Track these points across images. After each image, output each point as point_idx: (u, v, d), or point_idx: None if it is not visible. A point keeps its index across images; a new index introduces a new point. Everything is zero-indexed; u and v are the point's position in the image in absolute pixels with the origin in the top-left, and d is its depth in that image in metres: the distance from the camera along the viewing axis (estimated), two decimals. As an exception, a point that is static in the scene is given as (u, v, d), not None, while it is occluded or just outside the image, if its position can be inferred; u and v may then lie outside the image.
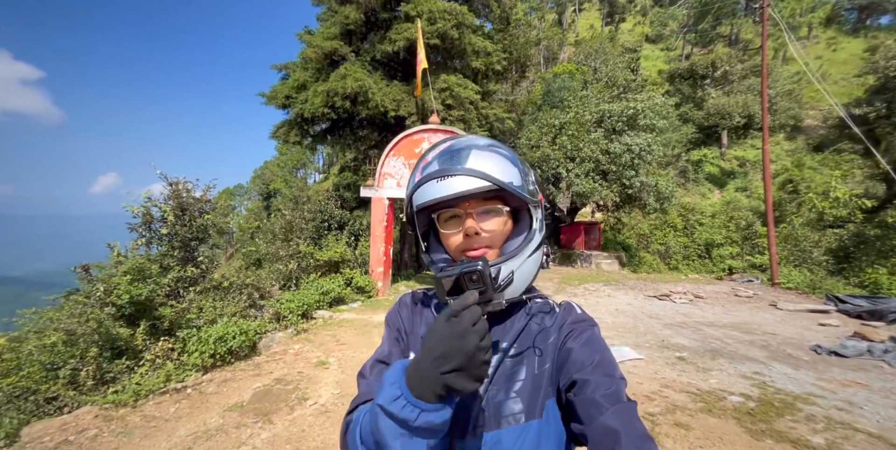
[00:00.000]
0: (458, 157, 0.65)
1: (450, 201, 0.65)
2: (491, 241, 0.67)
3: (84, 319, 4.41)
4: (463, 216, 0.66)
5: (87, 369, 4.37)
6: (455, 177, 0.63)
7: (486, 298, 0.58)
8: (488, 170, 0.64)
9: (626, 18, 43.93)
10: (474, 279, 0.58)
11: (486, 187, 0.63)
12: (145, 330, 5.07)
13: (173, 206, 5.78)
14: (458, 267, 0.59)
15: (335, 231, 10.06)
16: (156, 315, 5.36)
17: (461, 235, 0.66)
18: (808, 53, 31.46)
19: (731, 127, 23.05)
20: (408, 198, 0.72)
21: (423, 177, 0.66)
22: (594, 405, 0.55)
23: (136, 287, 5.06)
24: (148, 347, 5.00)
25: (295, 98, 9.29)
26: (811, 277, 9.22)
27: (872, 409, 3.36)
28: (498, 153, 0.68)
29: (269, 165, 47.27)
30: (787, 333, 5.73)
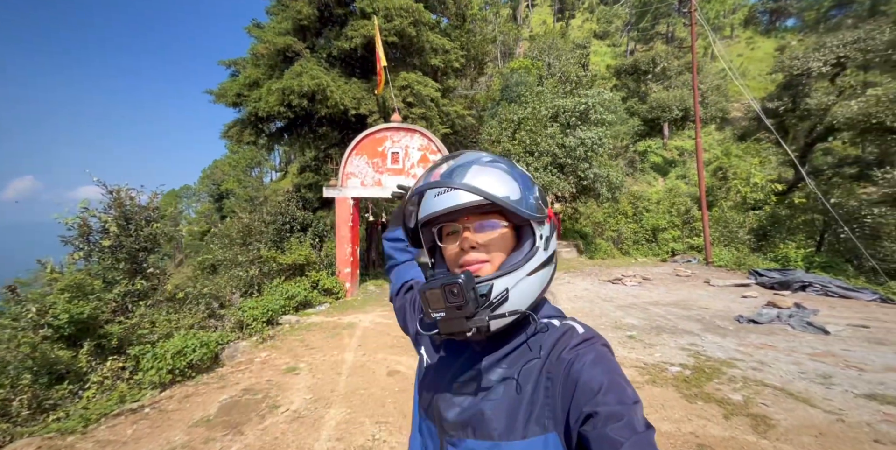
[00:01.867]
0: (457, 172, 0.66)
1: (449, 216, 0.67)
2: (488, 255, 0.67)
3: (15, 344, 4.05)
4: (459, 231, 0.68)
5: (21, 398, 4.04)
6: (450, 191, 0.65)
7: (465, 314, 0.56)
8: (483, 185, 0.64)
9: (575, 15, 45.54)
10: (455, 292, 0.56)
11: (478, 202, 0.64)
12: (90, 350, 4.76)
13: (116, 215, 5.38)
14: (440, 279, 0.59)
15: (298, 233, 9.79)
16: (101, 333, 5.03)
17: (458, 248, 0.67)
18: (731, 52, 34.57)
19: (671, 119, 24.89)
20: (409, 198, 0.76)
21: (424, 192, 0.69)
22: (608, 441, 0.51)
23: (76, 305, 4.72)
24: (94, 368, 4.71)
25: (247, 96, 8.85)
26: (738, 254, 10.41)
27: (778, 366, 3.97)
28: (498, 168, 0.68)
29: (220, 165, 44.24)
30: (717, 307, 6.49)
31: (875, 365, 3.88)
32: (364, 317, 7.03)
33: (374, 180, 8.40)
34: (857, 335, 4.79)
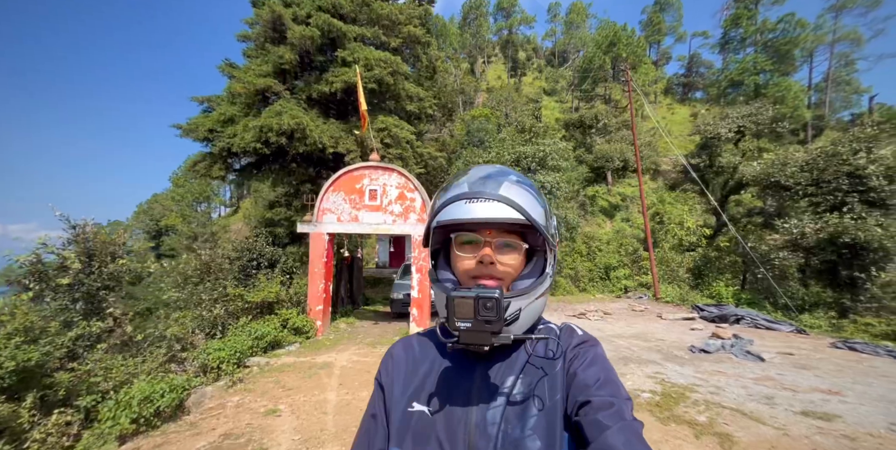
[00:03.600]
0: (491, 183, 0.66)
1: (473, 225, 0.66)
2: (503, 274, 0.68)
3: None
4: (481, 243, 0.67)
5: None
6: (487, 202, 0.64)
7: (493, 329, 0.58)
8: (522, 203, 0.65)
9: (526, 73, 51.06)
10: (488, 306, 0.58)
11: (515, 219, 0.64)
12: (33, 403, 4.22)
13: (78, 251, 4.97)
14: (474, 290, 0.60)
15: (265, 269, 9.39)
16: (47, 383, 4.49)
17: (475, 261, 0.66)
18: (657, 114, 40.41)
19: (613, 168, 27.97)
20: (433, 213, 0.71)
21: (455, 195, 0.67)
22: (597, 425, 0.55)
23: (23, 351, 4.23)
24: (35, 424, 4.15)
25: (221, 132, 8.86)
26: (680, 291, 11.62)
27: (730, 390, 4.54)
28: (527, 190, 0.69)
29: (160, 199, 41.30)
30: (671, 338, 7.19)
31: (803, 386, 4.58)
32: (339, 356, 6.83)
33: (351, 216, 8.54)
34: (785, 362, 5.61)
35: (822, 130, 31.57)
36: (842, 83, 34.51)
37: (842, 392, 4.35)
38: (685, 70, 48.19)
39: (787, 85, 30.56)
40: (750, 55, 35.33)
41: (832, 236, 9.19)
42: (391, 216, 8.49)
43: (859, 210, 9.27)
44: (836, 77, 34.21)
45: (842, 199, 9.68)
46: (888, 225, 8.69)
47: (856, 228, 8.76)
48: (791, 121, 29.32)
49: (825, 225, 9.43)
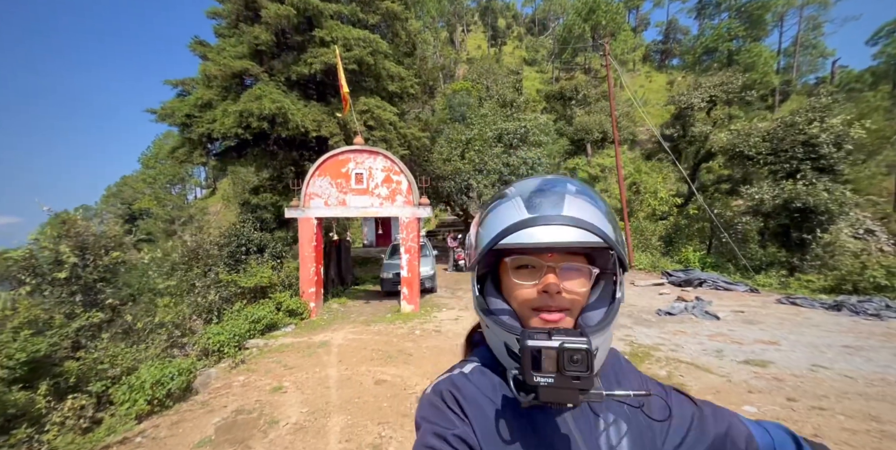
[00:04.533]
0: (551, 198, 0.58)
1: (533, 249, 0.57)
2: (571, 304, 0.58)
3: (-34, 389, 3.72)
4: (542, 269, 0.58)
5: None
6: (562, 226, 0.55)
7: (583, 386, 0.48)
8: (594, 221, 0.56)
9: (506, 42, 49.53)
10: (575, 359, 0.48)
11: (591, 243, 0.55)
12: (47, 390, 4.46)
13: (72, 245, 5.02)
14: (555, 337, 0.50)
15: (255, 255, 9.52)
16: (57, 372, 4.71)
17: (535, 289, 0.58)
18: (635, 83, 40.38)
19: (592, 140, 28.30)
20: (493, 237, 0.59)
21: (515, 223, 0.57)
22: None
23: (31, 343, 4.41)
24: (52, 409, 4.42)
25: (199, 117, 8.60)
26: (652, 258, 12.44)
27: (688, 347, 5.20)
28: (591, 200, 0.60)
29: (130, 181, 39.41)
30: (642, 304, 7.89)
31: (748, 339, 5.29)
32: (335, 335, 7.17)
33: (338, 200, 8.65)
34: (737, 318, 6.35)
35: (788, 94, 32.53)
36: (809, 47, 35.16)
37: (778, 342, 5.06)
38: (663, 37, 47.70)
39: (758, 51, 30.94)
40: (724, 21, 35.25)
41: (786, 201, 9.98)
42: (378, 199, 8.63)
43: (811, 177, 10.05)
44: (803, 41, 34.77)
45: (796, 166, 10.43)
46: (834, 189, 9.49)
47: (806, 194, 9.55)
48: (760, 87, 30.06)
49: (781, 191, 10.19)
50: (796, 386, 3.77)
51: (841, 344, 4.87)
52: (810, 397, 3.50)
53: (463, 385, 0.61)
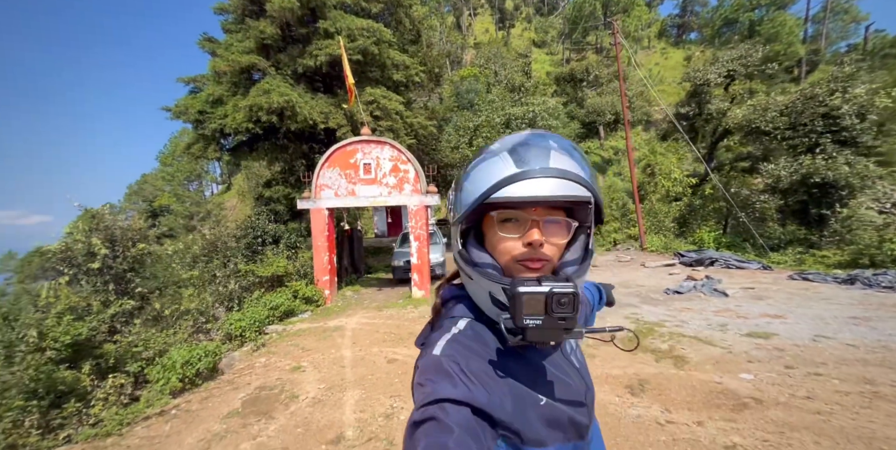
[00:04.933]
0: (536, 152, 0.59)
1: (517, 203, 0.58)
2: (552, 256, 0.62)
3: (23, 367, 4.14)
4: (526, 222, 0.60)
5: (30, 418, 4.18)
6: (541, 178, 0.56)
7: (568, 325, 0.52)
8: (582, 174, 0.59)
9: (514, 24, 48.19)
10: (563, 302, 0.51)
11: (578, 197, 0.58)
12: (90, 370, 4.89)
13: (102, 238, 5.41)
14: (545, 283, 0.53)
15: (270, 246, 9.92)
16: (98, 353, 5.14)
17: (520, 242, 0.60)
18: (650, 60, 38.86)
19: (605, 122, 27.62)
20: (482, 192, 0.59)
21: (507, 177, 0.57)
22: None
23: (74, 327, 4.82)
24: (96, 386, 4.85)
25: (211, 113, 8.89)
26: (665, 240, 12.30)
27: (693, 322, 5.24)
28: (573, 155, 0.61)
29: (150, 179, 40.75)
30: (650, 284, 7.90)
31: (754, 313, 5.30)
32: (348, 320, 7.47)
33: (347, 191, 8.87)
34: (746, 295, 6.32)
35: (816, 65, 30.73)
36: (840, 12, 32.90)
37: (785, 315, 5.05)
38: (680, 10, 45.49)
39: (781, 20, 29.24)
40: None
41: (804, 177, 9.63)
42: (387, 188, 8.81)
43: (831, 150, 9.64)
44: (834, 6, 32.56)
45: (816, 140, 10.00)
46: (855, 163, 9.10)
47: (826, 168, 9.18)
48: (784, 58, 28.46)
49: (799, 167, 9.83)
50: (796, 355, 3.81)
51: (848, 315, 4.83)
52: (809, 365, 3.55)
53: (467, 347, 0.61)
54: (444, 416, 0.50)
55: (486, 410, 0.53)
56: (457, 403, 0.52)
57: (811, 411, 2.79)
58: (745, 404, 2.98)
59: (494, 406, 0.54)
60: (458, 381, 0.54)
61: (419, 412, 0.52)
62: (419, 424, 0.50)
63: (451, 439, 0.47)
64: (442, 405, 0.51)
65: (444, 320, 0.69)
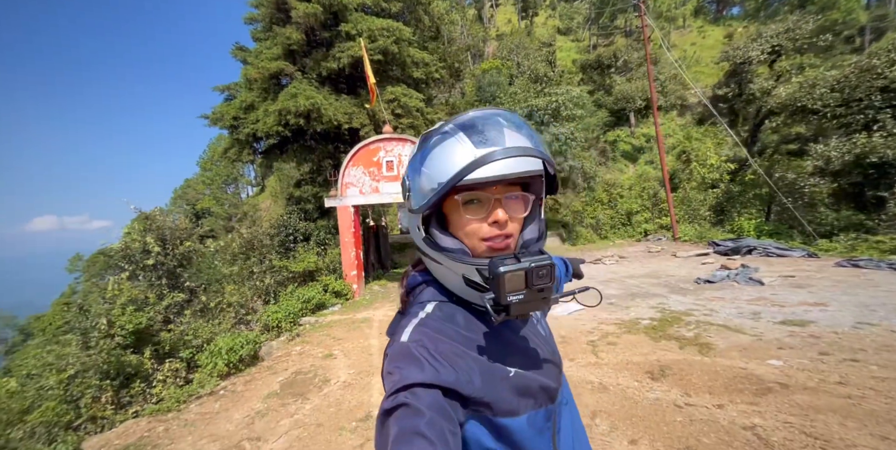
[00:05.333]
0: (498, 131, 0.58)
1: (479, 183, 0.58)
2: (514, 231, 0.63)
3: (97, 350, 4.73)
4: (489, 201, 0.60)
5: (105, 395, 4.76)
6: (510, 158, 0.56)
7: (547, 295, 0.56)
8: (538, 147, 0.59)
9: (538, 12, 46.96)
10: (542, 274, 0.54)
11: (538, 172, 0.59)
12: (150, 355, 5.46)
13: (155, 237, 6.02)
14: (524, 260, 0.55)
15: (301, 243, 10.47)
16: (155, 341, 5.72)
17: (485, 223, 0.60)
18: (685, 41, 36.64)
19: (635, 109, 26.46)
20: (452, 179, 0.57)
21: (472, 162, 0.56)
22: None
23: (136, 316, 5.41)
24: (156, 370, 5.42)
25: (244, 118, 9.49)
26: (700, 229, 11.73)
27: (723, 311, 5.06)
28: (529, 132, 0.62)
29: (193, 184, 43.51)
30: (681, 274, 7.63)
31: (792, 302, 5.02)
32: (376, 312, 7.77)
33: (371, 188, 9.17)
34: (785, 283, 5.98)
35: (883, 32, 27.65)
36: (912, -32, 29.34)
37: (826, 303, 4.76)
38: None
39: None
40: (795, -46, 30.50)
41: (858, 157, 8.83)
42: (411, 183, 9.02)
43: (891, 127, 8.74)
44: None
45: (873, 116, 9.11)
46: (920, 140, 8.23)
47: (885, 146, 8.37)
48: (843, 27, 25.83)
49: (853, 146, 9.03)
50: (833, 342, 3.61)
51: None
52: (846, 351, 3.37)
53: (435, 328, 0.62)
54: (414, 400, 0.50)
55: (454, 388, 0.54)
56: (426, 386, 0.52)
57: (841, 395, 2.67)
58: (769, 388, 2.90)
59: (462, 384, 0.55)
60: (426, 364, 0.55)
61: (389, 400, 0.52)
62: (390, 411, 0.50)
63: (422, 422, 0.47)
64: (412, 390, 0.52)
65: (412, 307, 0.70)
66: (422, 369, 0.54)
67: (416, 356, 0.56)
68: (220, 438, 3.53)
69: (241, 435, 3.51)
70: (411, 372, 0.54)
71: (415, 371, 0.54)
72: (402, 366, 0.56)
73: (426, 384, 0.53)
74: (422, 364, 0.55)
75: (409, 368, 0.55)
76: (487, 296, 0.57)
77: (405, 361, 0.56)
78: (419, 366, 0.55)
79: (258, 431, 3.56)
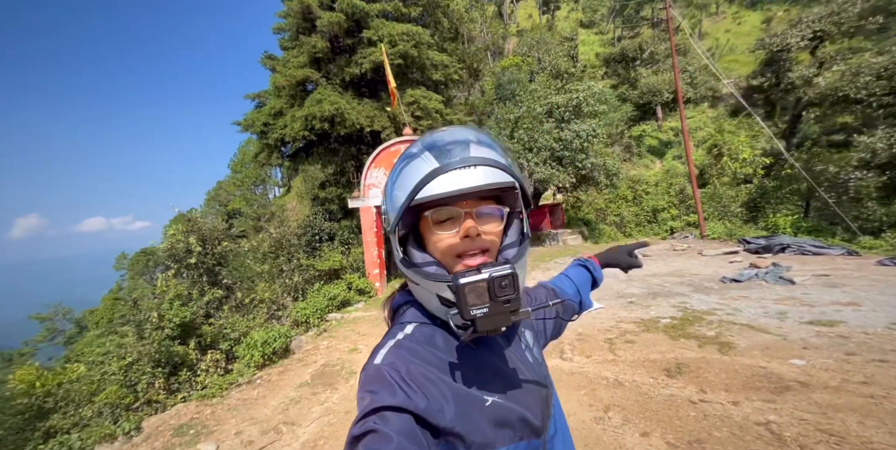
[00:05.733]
0: (457, 149, 0.59)
1: (447, 199, 0.58)
2: (490, 245, 0.62)
3: (150, 341, 5.24)
4: (460, 216, 0.60)
5: (158, 382, 5.24)
6: (464, 169, 0.57)
7: (514, 307, 0.53)
8: (506, 162, 0.60)
9: (560, 6, 46.10)
10: (504, 285, 0.52)
11: (502, 184, 0.59)
12: (194, 346, 5.94)
13: (196, 238, 6.54)
14: (484, 271, 0.53)
15: (326, 242, 10.93)
16: (199, 333, 6.21)
17: (458, 237, 0.60)
18: (719, 28, 34.93)
19: (662, 102, 25.57)
20: (409, 193, 0.59)
21: (429, 173, 0.57)
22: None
23: (181, 311, 5.90)
24: (199, 360, 5.89)
25: (273, 124, 10.03)
26: (730, 227, 11.28)
27: (748, 311, 4.96)
28: (492, 146, 0.63)
29: (224, 185, 45.63)
30: (706, 272, 7.44)
31: (823, 301, 4.85)
32: (399, 309, 8.01)
33: (393, 189, 9.45)
34: (818, 282, 5.74)
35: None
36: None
37: (860, 303, 4.57)
38: (754, -34, 40.12)
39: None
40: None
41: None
42: (428, 186, 9.24)
43: (945, 116, 8.12)
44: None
45: (924, 106, 8.49)
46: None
47: (936, 138, 7.80)
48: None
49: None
50: (862, 342, 3.51)
51: (940, 304, 4.24)
52: (874, 352, 3.27)
53: (410, 350, 0.60)
54: (383, 426, 0.49)
55: (424, 416, 0.52)
56: (397, 409, 0.51)
57: (863, 394, 2.63)
58: (788, 386, 2.89)
59: (433, 412, 0.53)
60: (397, 389, 0.54)
61: (357, 426, 0.50)
62: (359, 437, 0.49)
63: (391, 448, 0.46)
64: (382, 414, 0.51)
65: (392, 328, 0.69)
66: (393, 393, 0.53)
67: (387, 380, 0.55)
68: (259, 421, 3.87)
69: (277, 419, 3.83)
70: (382, 397, 0.53)
71: (386, 396, 0.53)
72: (373, 390, 0.55)
73: (397, 408, 0.52)
74: (393, 389, 0.54)
75: (380, 392, 0.54)
76: (451, 312, 0.56)
77: (377, 384, 0.55)
78: (391, 390, 0.54)
79: (292, 416, 3.87)
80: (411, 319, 0.68)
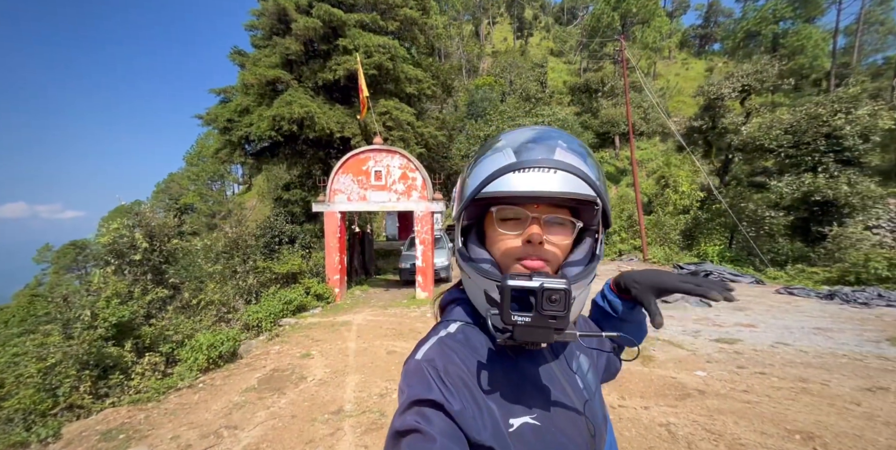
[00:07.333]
0: (541, 148, 0.56)
1: (519, 199, 0.57)
2: (552, 256, 0.59)
3: (80, 341, 4.89)
4: (527, 220, 0.58)
5: (84, 385, 4.91)
6: (543, 171, 0.54)
7: (559, 325, 0.49)
8: (587, 172, 0.56)
9: (533, 33, 48.85)
10: (553, 299, 0.48)
11: (579, 195, 0.55)
12: (131, 348, 5.62)
13: (143, 233, 6.20)
14: (535, 278, 0.50)
15: (286, 245, 10.65)
16: (137, 334, 5.88)
17: (520, 240, 0.58)
18: (670, 71, 38.72)
19: (619, 133, 27.77)
20: (479, 183, 0.58)
21: (504, 166, 0.56)
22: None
23: (119, 310, 5.57)
24: (136, 362, 5.58)
25: (239, 121, 9.77)
26: (669, 252, 12.50)
27: (671, 329, 5.63)
28: (583, 156, 0.58)
29: (177, 178, 42.72)
30: (642, 292, 8.20)
31: (730, 322, 5.64)
32: (356, 316, 8.04)
33: (359, 196, 9.53)
34: (728, 306, 6.61)
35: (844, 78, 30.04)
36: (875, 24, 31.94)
37: (756, 325, 5.37)
38: (703, 20, 45.26)
39: (807, 33, 28.86)
40: (770, 2, 32.95)
41: (805, 195, 9.79)
42: (395, 194, 9.42)
43: (833, 169, 9.76)
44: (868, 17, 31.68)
45: (818, 159, 10.14)
46: (857, 182, 9.23)
47: (827, 187, 9.34)
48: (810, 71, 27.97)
49: (801, 184, 10.00)
50: (751, 358, 4.18)
51: (813, 327, 5.12)
52: (758, 365, 3.92)
53: (452, 350, 0.59)
54: (427, 426, 0.49)
55: (457, 420, 0.52)
56: (434, 406, 0.52)
57: (743, 400, 3.19)
58: (688, 394, 3.40)
59: (465, 418, 0.52)
60: (434, 385, 0.54)
61: (399, 420, 0.51)
62: (403, 434, 0.50)
63: (434, 448, 0.47)
64: (422, 412, 0.51)
65: (439, 324, 0.68)
66: (429, 389, 0.53)
67: (424, 376, 0.55)
68: (198, 426, 3.79)
69: (219, 424, 3.78)
70: (418, 390, 0.53)
71: (422, 390, 0.53)
72: (412, 384, 0.55)
73: (433, 403, 0.52)
74: (430, 384, 0.54)
75: (417, 386, 0.54)
76: (492, 311, 0.54)
77: (415, 378, 0.56)
78: (427, 386, 0.54)
79: (235, 420, 3.84)
80: (457, 317, 0.66)
